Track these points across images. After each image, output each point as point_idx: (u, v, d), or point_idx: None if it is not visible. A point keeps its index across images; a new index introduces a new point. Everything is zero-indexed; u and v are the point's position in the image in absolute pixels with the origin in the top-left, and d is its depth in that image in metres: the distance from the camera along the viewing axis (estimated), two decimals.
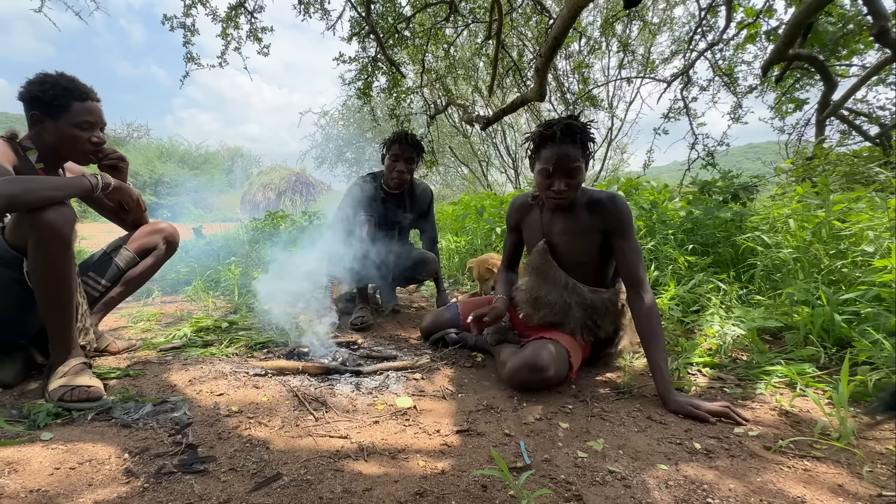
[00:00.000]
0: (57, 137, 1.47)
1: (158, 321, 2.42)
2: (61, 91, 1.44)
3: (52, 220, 1.25)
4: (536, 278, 1.69)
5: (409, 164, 2.50)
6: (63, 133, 1.47)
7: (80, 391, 1.29)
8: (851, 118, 5.89)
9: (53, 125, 1.46)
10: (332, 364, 1.71)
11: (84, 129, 1.49)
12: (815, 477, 1.01)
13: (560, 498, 0.94)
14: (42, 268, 1.29)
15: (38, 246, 1.27)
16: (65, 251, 1.30)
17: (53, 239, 1.26)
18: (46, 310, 1.34)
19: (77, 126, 1.47)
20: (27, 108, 1.46)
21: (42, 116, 1.46)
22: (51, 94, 1.43)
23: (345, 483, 0.97)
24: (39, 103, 1.44)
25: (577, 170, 1.49)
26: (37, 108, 1.45)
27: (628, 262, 1.50)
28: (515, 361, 1.49)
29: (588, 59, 7.21)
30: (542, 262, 1.66)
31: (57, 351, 1.38)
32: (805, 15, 3.18)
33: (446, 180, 15.66)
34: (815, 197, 2.50)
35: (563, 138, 1.47)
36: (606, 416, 1.34)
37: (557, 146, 1.48)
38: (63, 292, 1.33)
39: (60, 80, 1.45)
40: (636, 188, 3.58)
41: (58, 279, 1.31)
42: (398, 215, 2.64)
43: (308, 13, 4.87)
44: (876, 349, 1.45)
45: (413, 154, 2.49)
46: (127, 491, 0.92)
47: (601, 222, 1.55)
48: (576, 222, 1.59)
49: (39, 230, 1.25)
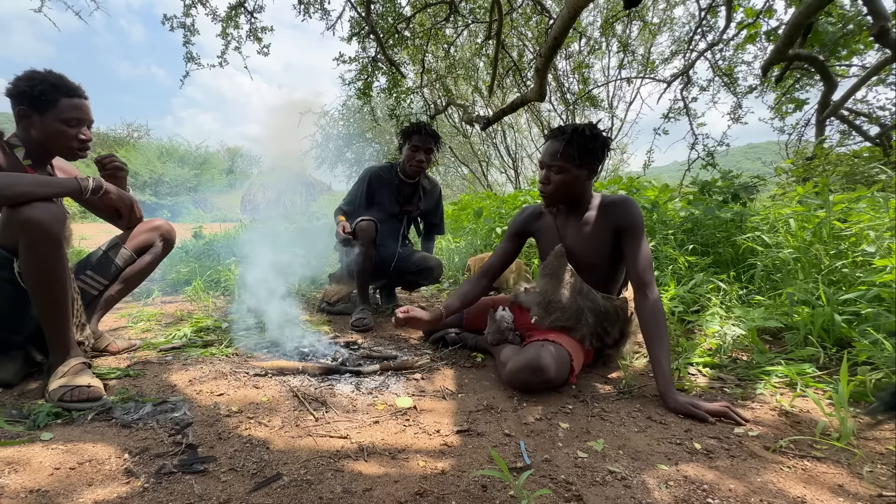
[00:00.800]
0: (43, 132, 1.47)
1: (158, 321, 2.42)
2: (49, 87, 1.44)
3: (41, 219, 1.24)
4: (550, 281, 1.69)
5: (429, 154, 2.64)
6: (49, 128, 1.46)
7: (80, 391, 1.29)
8: (851, 118, 5.89)
9: (40, 120, 1.46)
10: (332, 364, 1.71)
11: (71, 125, 1.48)
12: (816, 477, 1.01)
13: (560, 498, 0.94)
14: (34, 268, 1.28)
15: (29, 246, 1.26)
16: (56, 250, 1.29)
17: (44, 239, 1.26)
18: (41, 310, 1.34)
19: (64, 122, 1.47)
20: (14, 103, 1.46)
21: (28, 111, 1.45)
22: (39, 89, 1.43)
23: (345, 483, 0.97)
24: (27, 98, 1.44)
25: (560, 168, 1.54)
26: (24, 103, 1.44)
27: (636, 262, 1.51)
28: (516, 362, 1.49)
29: (588, 60, 7.21)
30: (559, 265, 1.66)
31: (55, 351, 1.38)
32: (805, 15, 3.18)
33: (446, 180, 15.65)
34: (815, 197, 2.50)
35: (561, 138, 1.54)
36: (607, 416, 1.34)
37: (553, 143, 1.56)
38: (57, 292, 1.32)
39: (48, 77, 1.45)
40: (637, 188, 3.58)
41: (50, 279, 1.30)
42: (411, 202, 2.78)
43: (308, 13, 4.87)
44: (876, 349, 1.45)
45: (432, 145, 2.62)
46: (127, 491, 0.92)
47: (613, 221, 1.56)
48: (589, 223, 1.61)
49: (29, 230, 1.24)
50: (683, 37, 8.18)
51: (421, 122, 2.67)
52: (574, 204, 1.65)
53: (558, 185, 1.58)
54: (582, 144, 1.52)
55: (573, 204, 1.65)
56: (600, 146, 1.55)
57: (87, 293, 1.78)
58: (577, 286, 1.63)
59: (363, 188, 2.71)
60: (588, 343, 1.61)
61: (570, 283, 1.63)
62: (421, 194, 2.79)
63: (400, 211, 2.76)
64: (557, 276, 1.66)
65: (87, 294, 1.78)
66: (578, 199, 1.63)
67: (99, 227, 8.20)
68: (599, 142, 1.54)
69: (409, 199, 2.77)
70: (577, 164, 1.54)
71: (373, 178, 2.73)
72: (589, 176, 1.58)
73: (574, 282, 1.63)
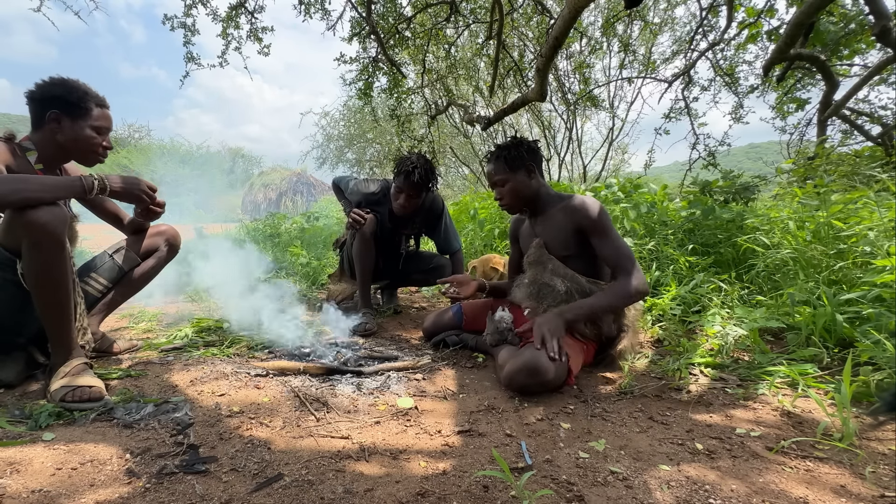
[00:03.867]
0: (73, 137, 1.51)
1: (160, 322, 2.43)
2: (83, 94, 1.51)
3: (45, 221, 1.24)
4: (536, 268, 1.79)
5: (412, 200, 2.42)
6: (80, 133, 1.51)
7: (82, 391, 1.29)
8: (853, 118, 5.87)
9: (71, 125, 1.50)
10: (333, 364, 1.71)
11: (100, 132, 1.56)
12: (818, 477, 1.01)
13: (561, 498, 0.94)
14: (37, 269, 1.28)
15: (32, 248, 1.26)
16: (59, 252, 1.29)
17: (47, 241, 1.26)
18: (44, 311, 1.34)
19: (95, 129, 1.54)
20: (41, 106, 1.47)
21: (60, 116, 1.48)
22: (76, 95, 1.49)
23: (346, 483, 0.97)
24: (61, 103, 1.48)
25: (502, 181, 1.76)
26: (57, 106, 1.48)
27: (606, 256, 1.63)
28: (514, 364, 1.49)
29: (589, 60, 7.20)
30: (540, 253, 1.78)
31: (56, 352, 1.38)
32: (806, 14, 3.18)
33: (447, 181, 15.64)
34: (815, 198, 2.49)
35: (489, 159, 1.81)
36: (608, 416, 1.34)
37: (488, 165, 1.81)
38: (59, 293, 1.33)
39: (81, 85, 1.52)
40: (636, 188, 3.58)
41: (53, 281, 1.31)
42: (406, 225, 2.62)
43: (308, 13, 4.87)
44: (878, 349, 1.44)
45: (416, 193, 2.39)
46: (128, 491, 0.92)
47: (574, 222, 1.68)
48: (553, 223, 1.74)
49: (32, 232, 1.24)
50: (684, 36, 8.16)
51: (413, 163, 2.34)
52: (536, 205, 1.80)
53: (508, 195, 1.77)
54: (506, 156, 1.73)
55: (535, 205, 1.81)
56: (525, 149, 1.74)
57: (90, 295, 1.78)
58: (562, 270, 1.72)
59: (359, 201, 2.58)
60: (585, 330, 1.66)
61: (553, 268, 1.74)
62: (415, 217, 2.60)
63: (394, 230, 2.62)
64: (541, 262, 1.78)
65: (91, 296, 1.79)
66: (535, 198, 1.79)
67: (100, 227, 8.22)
68: (522, 146, 1.74)
69: (404, 221, 2.60)
70: (512, 172, 1.74)
71: (363, 201, 2.56)
72: (530, 175, 1.75)
73: (557, 266, 1.73)
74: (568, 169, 12.12)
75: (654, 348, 1.97)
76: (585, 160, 11.92)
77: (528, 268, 1.85)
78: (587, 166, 12.03)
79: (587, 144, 12.46)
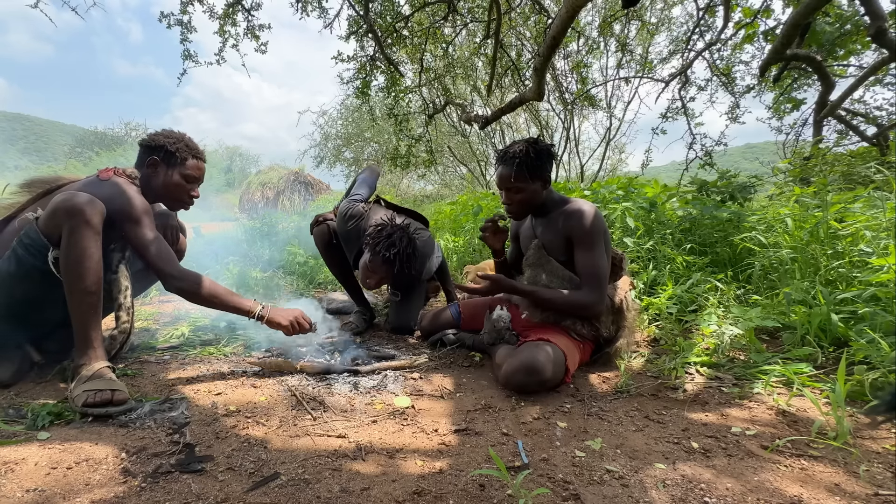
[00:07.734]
0: (165, 182, 1.65)
1: (156, 320, 2.42)
2: (184, 146, 1.67)
3: (83, 208, 1.32)
4: (534, 269, 1.79)
5: (381, 282, 2.10)
6: (172, 180, 1.65)
7: (104, 394, 1.27)
8: (849, 118, 5.91)
9: (166, 171, 1.64)
10: (329, 363, 1.71)
11: (190, 181, 1.69)
12: (812, 476, 1.02)
13: (558, 497, 0.94)
14: (72, 252, 1.32)
15: (71, 232, 1.32)
16: (97, 241, 1.35)
17: (86, 226, 1.33)
18: (74, 300, 1.34)
19: (185, 178, 1.67)
20: (146, 152, 1.64)
21: (158, 162, 1.63)
22: (176, 146, 1.64)
23: (343, 482, 0.97)
24: (163, 151, 1.63)
25: (518, 189, 1.69)
26: (158, 154, 1.63)
27: (581, 266, 1.62)
28: (511, 363, 1.49)
29: (586, 59, 7.21)
30: (539, 255, 1.77)
31: (80, 349, 1.36)
32: (803, 15, 3.19)
33: (445, 180, 15.64)
34: (812, 197, 2.50)
35: (505, 161, 1.69)
36: (604, 415, 1.34)
37: (505, 167, 1.70)
38: (91, 282, 1.35)
39: (184, 138, 1.69)
40: (635, 188, 3.58)
41: (87, 269, 1.33)
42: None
43: (306, 11, 4.86)
44: (873, 348, 1.45)
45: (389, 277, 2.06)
46: (124, 490, 0.92)
47: (566, 230, 1.67)
48: (552, 227, 1.72)
49: (73, 217, 1.31)
50: (681, 36, 8.20)
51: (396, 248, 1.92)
52: (540, 210, 1.78)
53: (520, 203, 1.72)
54: (530, 164, 1.65)
55: (539, 210, 1.78)
56: (546, 158, 1.69)
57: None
58: (560, 272, 1.71)
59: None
60: (583, 330, 1.66)
61: (551, 270, 1.73)
62: None
63: None
64: (539, 264, 1.77)
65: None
66: (542, 206, 1.76)
67: None
68: (544, 155, 1.68)
69: None
70: (530, 181, 1.68)
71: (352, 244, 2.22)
72: (544, 186, 1.71)
73: (555, 268, 1.72)
74: (565, 168, 12.15)
75: (651, 347, 1.97)
76: (583, 159, 11.95)
77: (526, 269, 1.84)
78: (584, 166, 12.05)
79: (584, 144, 12.49)
